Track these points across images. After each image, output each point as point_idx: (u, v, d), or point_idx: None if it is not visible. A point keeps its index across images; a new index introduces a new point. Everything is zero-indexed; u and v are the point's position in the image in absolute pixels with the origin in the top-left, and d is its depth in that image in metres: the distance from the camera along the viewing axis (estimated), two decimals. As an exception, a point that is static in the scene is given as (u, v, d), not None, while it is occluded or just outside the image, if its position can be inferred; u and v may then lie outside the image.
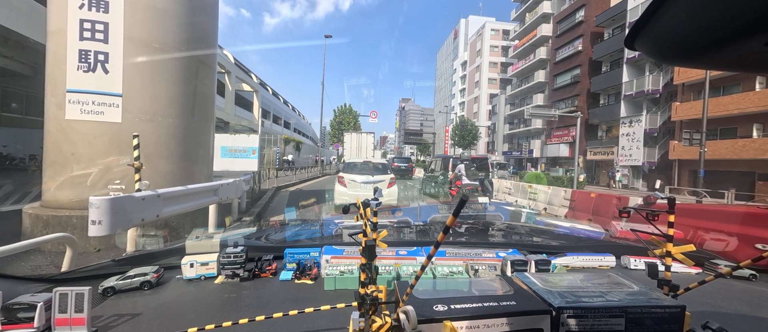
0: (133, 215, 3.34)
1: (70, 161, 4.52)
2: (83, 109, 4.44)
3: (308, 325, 0.94)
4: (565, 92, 31.33)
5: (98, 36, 4.41)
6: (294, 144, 29.09)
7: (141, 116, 4.78)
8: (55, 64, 4.51)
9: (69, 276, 1.36)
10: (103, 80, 4.48)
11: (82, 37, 4.36)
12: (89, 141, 4.52)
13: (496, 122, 45.43)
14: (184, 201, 4.36)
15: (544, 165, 33.28)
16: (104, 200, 3.00)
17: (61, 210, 4.40)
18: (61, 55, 4.41)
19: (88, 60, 4.39)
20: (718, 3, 0.29)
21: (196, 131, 5.66)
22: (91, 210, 2.96)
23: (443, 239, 0.59)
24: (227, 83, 25.34)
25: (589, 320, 0.70)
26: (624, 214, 1.08)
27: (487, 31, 51.84)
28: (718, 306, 1.15)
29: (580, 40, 29.50)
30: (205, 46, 5.76)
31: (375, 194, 0.90)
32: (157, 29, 4.89)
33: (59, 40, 4.43)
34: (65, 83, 4.40)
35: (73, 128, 4.49)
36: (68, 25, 4.35)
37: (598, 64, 27.76)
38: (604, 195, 8.11)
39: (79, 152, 4.52)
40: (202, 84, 5.71)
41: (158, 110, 4.96)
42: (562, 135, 31.01)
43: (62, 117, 4.47)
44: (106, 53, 4.46)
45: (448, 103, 66.33)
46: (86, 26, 4.37)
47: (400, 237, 1.98)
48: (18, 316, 0.88)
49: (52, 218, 4.28)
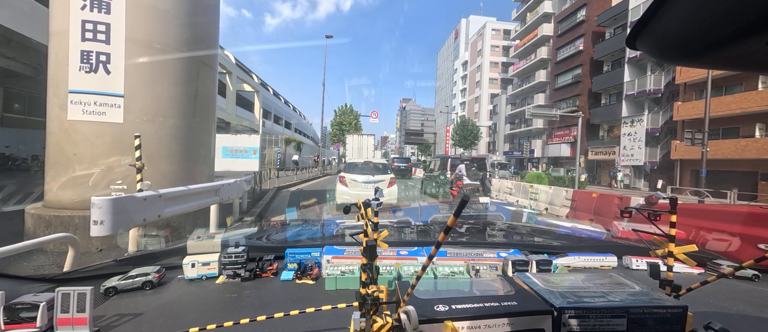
0: (134, 216, 3.35)
1: (72, 161, 4.54)
2: (85, 109, 4.46)
3: (309, 325, 0.94)
4: (567, 92, 31.26)
5: (100, 37, 4.43)
6: (295, 144, 29.13)
7: (142, 117, 4.79)
8: (57, 65, 4.53)
9: (71, 275, 1.37)
10: (104, 81, 4.49)
11: (83, 38, 4.38)
12: (91, 142, 4.54)
13: (497, 122, 45.37)
14: (186, 201, 4.38)
15: (545, 165, 33.21)
16: (106, 201, 3.01)
17: (64, 210, 4.42)
18: (63, 56, 4.43)
19: (89, 61, 4.41)
20: (720, 2, 0.29)
21: (197, 131, 5.67)
22: (93, 210, 2.97)
23: (444, 240, 0.59)
24: (228, 83, 25.42)
25: (590, 320, 0.70)
26: (625, 214, 1.07)
27: (488, 30, 51.80)
28: (721, 307, 1.14)
29: (581, 40, 29.44)
30: (206, 46, 5.77)
31: (376, 194, 0.90)
32: (158, 30, 4.91)
33: (61, 41, 4.45)
34: (67, 83, 4.42)
35: (75, 129, 4.51)
36: (70, 26, 4.37)
37: (599, 64, 27.69)
38: (606, 195, 8.09)
39: (81, 153, 4.54)
40: (203, 84, 5.72)
41: (160, 110, 4.97)
42: (563, 135, 30.95)
43: (64, 118, 4.49)
44: (107, 54, 4.48)
45: (448, 103, 66.30)
46: (88, 27, 4.38)
47: (401, 237, 1.98)
48: (20, 316, 0.89)
49: (54, 219, 4.30)
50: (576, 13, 30.30)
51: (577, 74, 29.93)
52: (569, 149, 30.07)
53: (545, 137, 34.16)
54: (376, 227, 0.85)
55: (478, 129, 43.90)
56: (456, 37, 66.98)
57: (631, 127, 23.68)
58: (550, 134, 33.03)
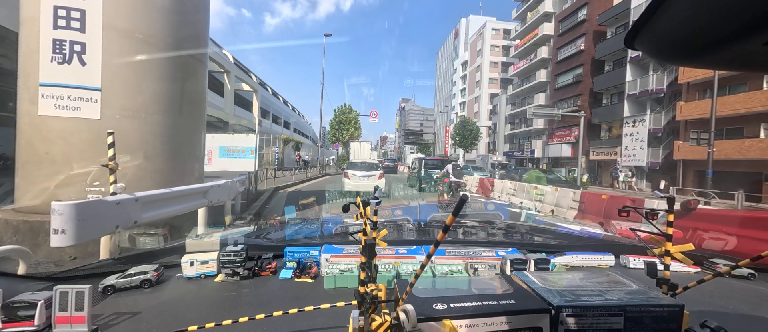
0: (105, 222, 2.97)
1: (44, 160, 4.15)
2: (58, 104, 4.07)
3: (308, 324, 0.94)
4: (567, 92, 30.99)
5: (74, 24, 4.04)
6: (293, 144, 28.71)
7: (123, 113, 4.41)
8: (27, 55, 4.14)
9: (69, 274, 1.36)
10: (79, 73, 4.10)
11: (56, 25, 3.99)
12: (65, 139, 4.15)
13: (497, 122, 45.08)
14: (168, 205, 3.99)
15: (545, 165, 32.97)
16: (68, 206, 2.63)
17: (34, 215, 4.03)
18: (33, 46, 4.04)
19: (62, 50, 4.02)
20: (718, 2, 0.30)
21: (184, 129, 5.29)
22: (54, 218, 2.59)
23: (443, 238, 0.60)
24: (226, 82, 25.05)
25: (588, 319, 0.70)
26: (623, 213, 1.10)
27: (487, 30, 51.52)
28: (717, 305, 1.15)
29: (582, 39, 29.17)
30: (195, 41, 5.39)
31: (375, 192, 0.90)
32: (140, 18, 4.52)
33: (32, 28, 4.06)
34: (38, 75, 4.03)
35: (47, 125, 4.12)
36: (41, 12, 3.98)
37: (600, 64, 27.42)
38: (618, 197, 7.75)
39: (53, 152, 4.15)
40: (191, 81, 5.34)
41: (142, 106, 4.59)
42: (563, 135, 30.70)
43: (35, 113, 4.10)
44: (82, 43, 4.09)
45: (448, 103, 65.94)
46: (61, 13, 4.00)
47: (401, 236, 1.99)
48: (18, 314, 0.89)
49: (22, 224, 3.90)
50: (577, 13, 30.03)
51: (578, 74, 29.66)
52: (570, 149, 29.81)
53: (546, 137, 33.89)
54: (375, 226, 0.84)
55: (478, 129, 43.66)
56: (455, 36, 66.64)
57: (633, 127, 23.40)
58: (550, 134, 32.77)
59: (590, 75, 27.98)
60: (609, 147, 25.97)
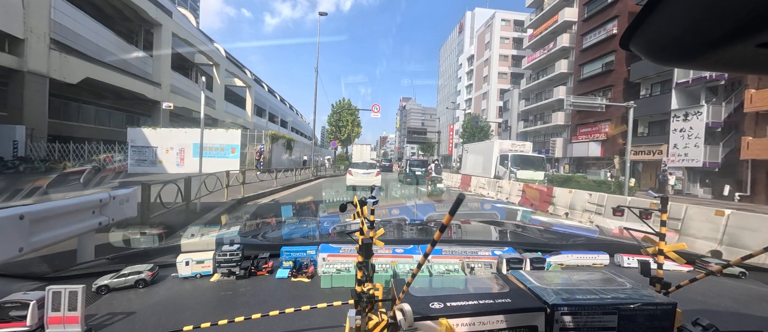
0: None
1: None
2: None
3: (305, 323, 0.94)
4: (595, 83, 27.22)
5: None
6: (284, 142, 25.07)
7: None
8: None
9: (62, 274, 1.35)
10: None
11: None
12: None
13: (508, 119, 41.44)
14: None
15: (567, 166, 29.47)
16: None
17: None
18: None
19: None
20: (711, 5, 0.30)
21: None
22: None
23: (440, 238, 0.59)
24: (216, 76, 21.57)
25: (582, 317, 0.71)
26: (618, 213, 1.18)
27: (497, 21, 47.82)
28: (709, 303, 1.18)
29: (614, 22, 25.31)
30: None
31: (372, 192, 0.89)
32: None
33: None
34: None
35: None
36: None
37: (636, 50, 23.89)
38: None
39: None
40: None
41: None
42: (591, 132, 27.01)
43: None
44: None
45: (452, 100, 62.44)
46: None
47: (397, 235, 2.03)
48: (10, 315, 0.88)
49: None
50: (607, -7, 26.49)
51: (609, 62, 25.84)
52: (599, 148, 26.11)
53: (568, 135, 30.30)
54: (372, 226, 0.84)
55: (489, 126, 40.25)
56: (460, 31, 63.25)
57: (684, 121, 19.72)
58: (574, 132, 29.19)
59: (625, 63, 24.37)
60: (650, 145, 22.33)
